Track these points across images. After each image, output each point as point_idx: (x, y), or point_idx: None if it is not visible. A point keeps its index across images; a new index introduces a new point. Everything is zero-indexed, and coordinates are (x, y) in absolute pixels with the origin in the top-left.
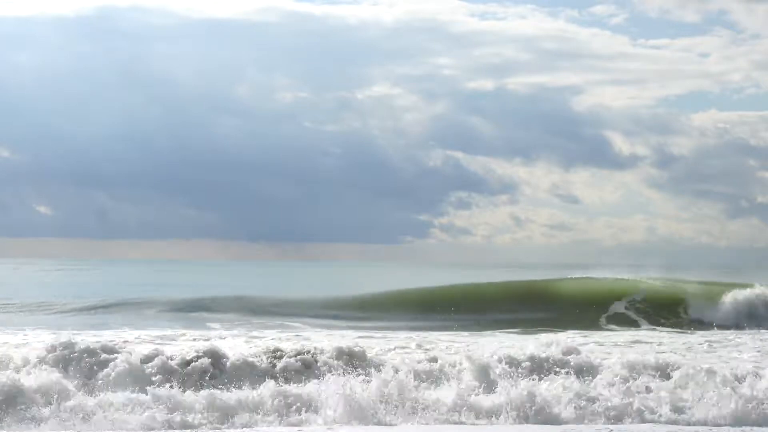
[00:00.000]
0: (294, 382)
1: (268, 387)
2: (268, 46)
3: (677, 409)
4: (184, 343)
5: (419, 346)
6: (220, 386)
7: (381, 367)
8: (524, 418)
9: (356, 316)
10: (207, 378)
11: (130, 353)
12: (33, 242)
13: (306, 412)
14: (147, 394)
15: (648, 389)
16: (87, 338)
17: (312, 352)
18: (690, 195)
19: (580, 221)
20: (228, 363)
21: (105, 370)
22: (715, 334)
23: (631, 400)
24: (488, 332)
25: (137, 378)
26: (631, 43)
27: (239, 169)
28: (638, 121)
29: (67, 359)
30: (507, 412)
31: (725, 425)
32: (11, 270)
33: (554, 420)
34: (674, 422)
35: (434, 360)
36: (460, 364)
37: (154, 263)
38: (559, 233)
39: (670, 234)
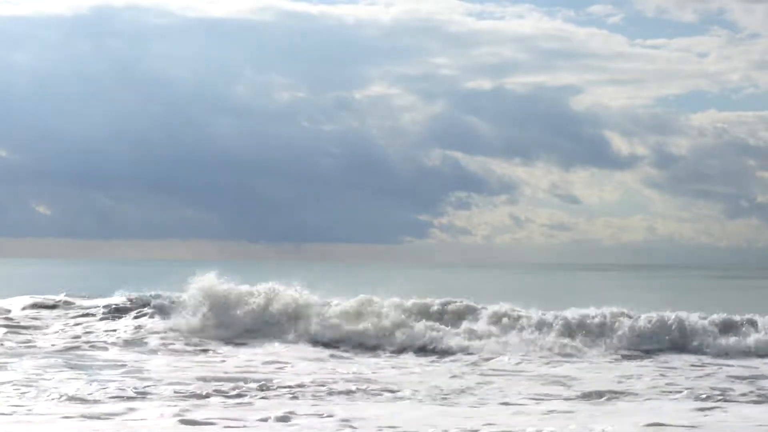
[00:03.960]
0: None
1: None
2: (265, 46)
3: None
4: None
5: None
6: None
7: None
8: None
9: None
10: None
11: None
12: (32, 242)
13: None
14: None
15: None
16: None
17: None
18: (689, 195)
19: (580, 221)
20: None
21: None
22: None
23: None
24: None
25: None
26: (628, 43)
27: (237, 169)
28: (637, 120)
29: None
30: None
31: None
32: None
33: None
34: None
35: None
36: None
37: (150, 263)
38: (558, 233)
39: (670, 234)
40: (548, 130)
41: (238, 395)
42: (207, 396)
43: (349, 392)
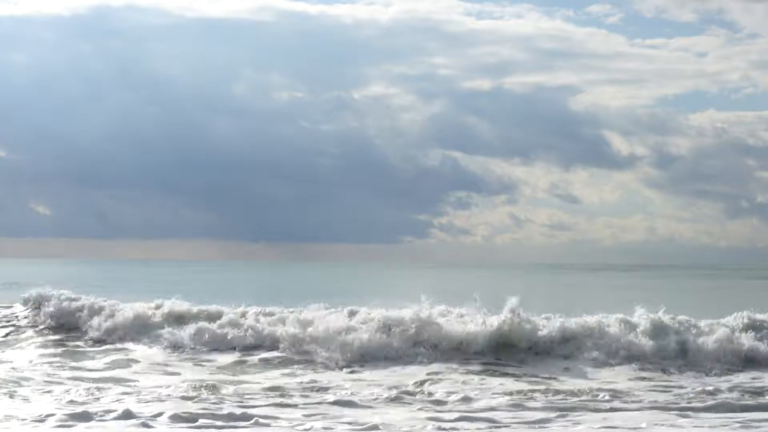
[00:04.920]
0: None
1: None
2: (264, 46)
3: None
4: None
5: None
6: None
7: None
8: None
9: None
10: None
11: None
12: (32, 242)
13: None
14: None
15: None
16: None
17: None
18: (689, 195)
19: (580, 221)
20: None
21: None
22: None
23: None
24: None
25: None
26: (627, 43)
27: (237, 169)
28: (636, 120)
29: None
30: None
31: None
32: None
33: None
34: None
35: None
36: None
37: (150, 263)
38: (558, 233)
39: (670, 234)
40: (548, 130)
41: None
42: None
43: None
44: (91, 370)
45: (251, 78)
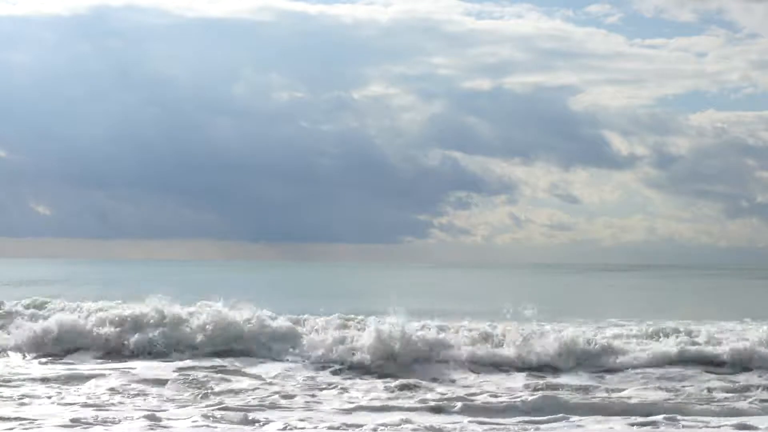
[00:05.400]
0: None
1: None
2: (264, 46)
3: None
4: None
5: None
6: None
7: None
8: None
9: None
10: None
11: None
12: (32, 242)
13: None
14: None
15: None
16: None
17: None
18: (689, 195)
19: (580, 221)
20: None
21: None
22: None
23: None
24: None
25: None
26: (627, 43)
27: (237, 169)
28: (636, 120)
29: None
30: None
31: None
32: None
33: None
34: None
35: None
36: None
37: (150, 263)
38: (558, 233)
39: (670, 234)
40: (547, 130)
41: None
42: None
43: None
44: (85, 369)
45: (251, 78)
